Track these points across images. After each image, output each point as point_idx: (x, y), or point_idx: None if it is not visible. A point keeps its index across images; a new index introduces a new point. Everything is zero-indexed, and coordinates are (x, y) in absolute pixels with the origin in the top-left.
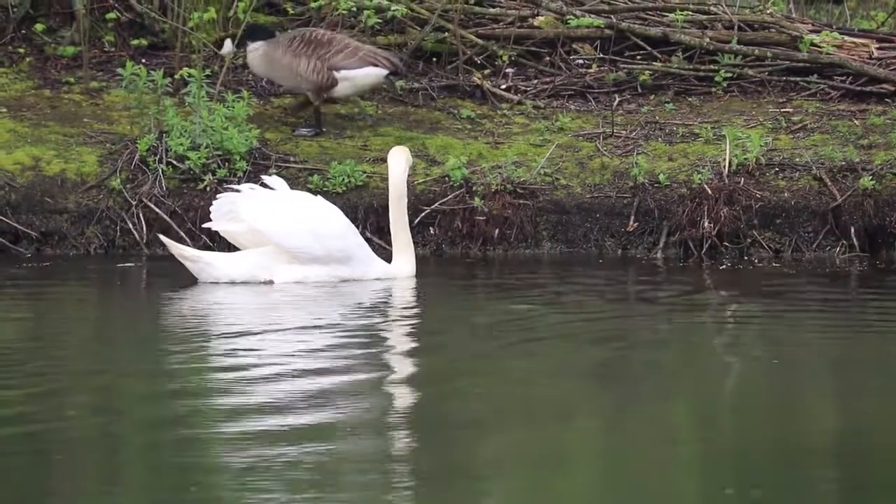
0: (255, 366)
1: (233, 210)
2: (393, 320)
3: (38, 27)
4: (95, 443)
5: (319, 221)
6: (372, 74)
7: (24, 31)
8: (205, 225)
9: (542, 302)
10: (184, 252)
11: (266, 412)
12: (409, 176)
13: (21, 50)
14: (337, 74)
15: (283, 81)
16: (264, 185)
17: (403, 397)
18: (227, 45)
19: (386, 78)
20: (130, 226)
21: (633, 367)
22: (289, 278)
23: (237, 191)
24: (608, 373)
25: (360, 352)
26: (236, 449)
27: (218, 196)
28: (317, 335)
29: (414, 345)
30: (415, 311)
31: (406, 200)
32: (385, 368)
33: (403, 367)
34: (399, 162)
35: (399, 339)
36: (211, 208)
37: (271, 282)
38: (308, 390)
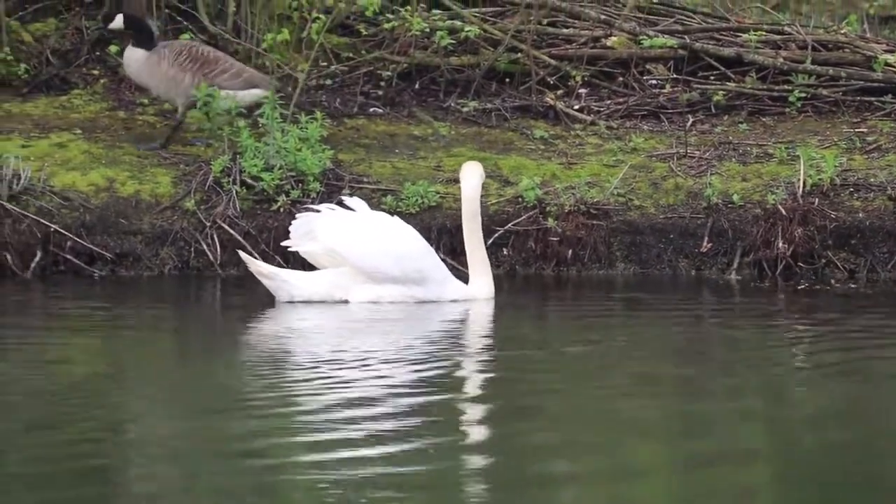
0: (335, 391)
1: (311, 230)
2: (470, 342)
3: (113, 49)
4: (176, 473)
5: (397, 242)
6: (256, 95)
7: (98, 53)
8: (283, 244)
9: (617, 322)
10: (262, 269)
11: (345, 439)
12: (481, 196)
13: (95, 71)
14: (220, 93)
15: (159, 91)
16: (343, 206)
17: (481, 421)
18: (118, 20)
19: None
20: (205, 247)
21: (712, 388)
22: (364, 298)
23: (316, 211)
24: (686, 392)
25: (437, 375)
26: (318, 474)
27: (296, 216)
28: (394, 359)
29: (492, 367)
30: (492, 332)
31: (480, 218)
32: (462, 392)
33: (482, 391)
34: (472, 177)
35: (477, 361)
36: (290, 228)
37: (347, 301)
38: (386, 413)
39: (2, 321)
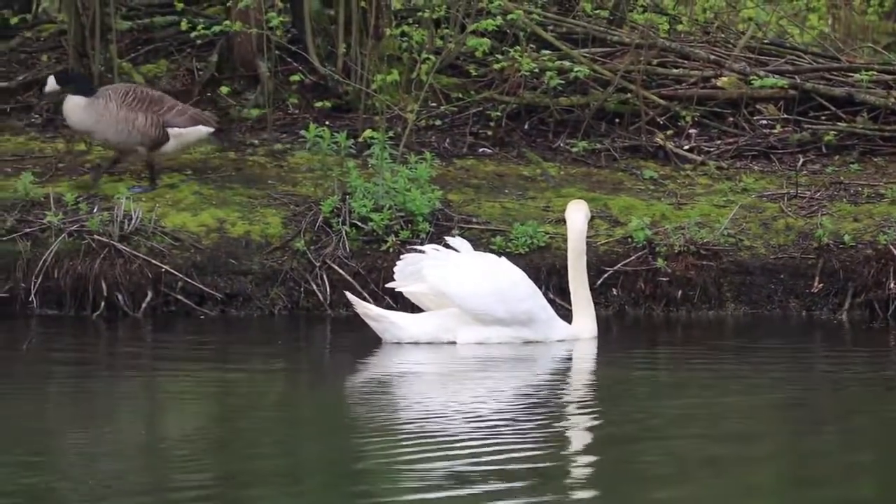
0: (440, 441)
1: (416, 271)
2: (578, 389)
3: (224, 90)
4: None
5: (504, 283)
6: (201, 132)
7: (209, 94)
8: (388, 285)
9: (727, 365)
10: (369, 311)
11: (453, 479)
12: (589, 236)
13: (207, 112)
14: (170, 131)
15: (110, 135)
16: (448, 247)
17: (588, 477)
18: (51, 83)
19: (210, 136)
20: (314, 287)
21: (823, 437)
22: (472, 339)
23: (421, 252)
24: (796, 439)
25: (545, 425)
26: None
27: (402, 257)
28: (501, 405)
29: (598, 415)
30: (599, 377)
31: (585, 257)
32: (570, 443)
33: (588, 441)
34: (578, 216)
35: (583, 409)
36: (395, 269)
37: (454, 342)
38: (491, 458)
39: (116, 361)
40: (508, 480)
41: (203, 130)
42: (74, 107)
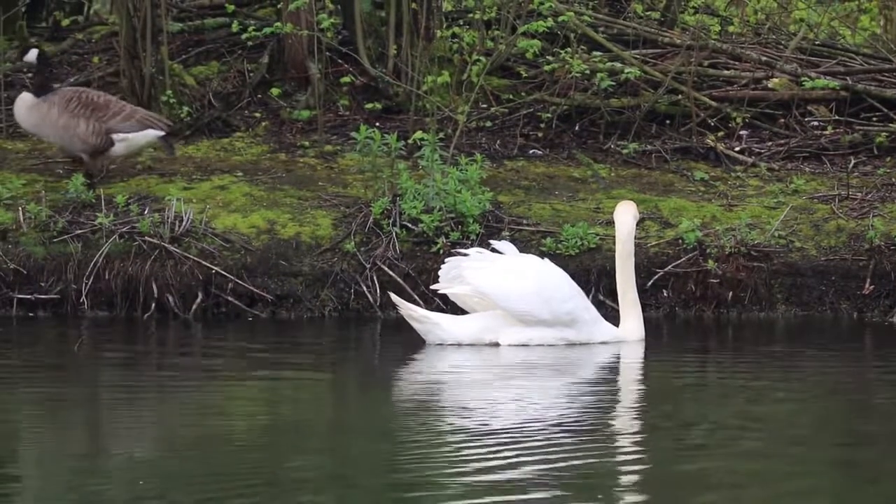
0: (482, 446)
1: (459, 274)
2: (623, 392)
3: (274, 91)
4: None
5: (546, 284)
6: (150, 136)
7: (259, 96)
8: (432, 287)
9: (777, 368)
10: (412, 312)
11: (499, 482)
12: (640, 237)
13: (257, 114)
14: (115, 136)
15: (53, 139)
16: (493, 250)
17: (631, 471)
18: (31, 55)
19: (161, 139)
20: (364, 289)
21: (874, 443)
22: (514, 340)
23: (465, 255)
24: (846, 444)
25: (588, 430)
26: None
27: (446, 260)
28: (545, 405)
29: (643, 422)
30: (646, 381)
31: (634, 259)
32: (613, 452)
33: (632, 449)
34: (626, 217)
35: (628, 414)
36: (439, 272)
37: (497, 344)
38: (536, 460)
39: (166, 363)
40: (554, 484)
41: (151, 134)
42: (21, 104)
